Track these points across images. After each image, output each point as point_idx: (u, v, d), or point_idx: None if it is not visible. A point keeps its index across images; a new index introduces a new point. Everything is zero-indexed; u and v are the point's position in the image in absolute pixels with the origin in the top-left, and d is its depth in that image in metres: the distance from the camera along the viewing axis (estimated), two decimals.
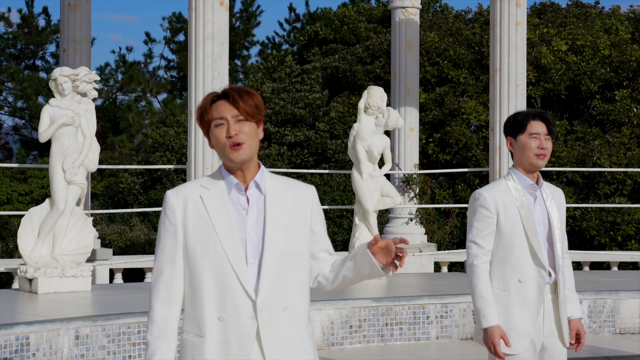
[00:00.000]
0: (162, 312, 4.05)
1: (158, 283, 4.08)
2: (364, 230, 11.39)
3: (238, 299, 3.99)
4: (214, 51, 10.66)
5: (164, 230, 4.11)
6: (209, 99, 4.11)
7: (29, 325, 7.83)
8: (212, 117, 4.07)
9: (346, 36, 26.76)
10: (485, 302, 5.42)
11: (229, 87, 4.12)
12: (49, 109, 9.82)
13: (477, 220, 5.50)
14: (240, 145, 4.00)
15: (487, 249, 5.48)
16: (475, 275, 5.47)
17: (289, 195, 4.15)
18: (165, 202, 4.11)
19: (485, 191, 5.53)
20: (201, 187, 4.11)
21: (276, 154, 22.85)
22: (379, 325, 9.68)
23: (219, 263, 4.01)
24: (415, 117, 14.67)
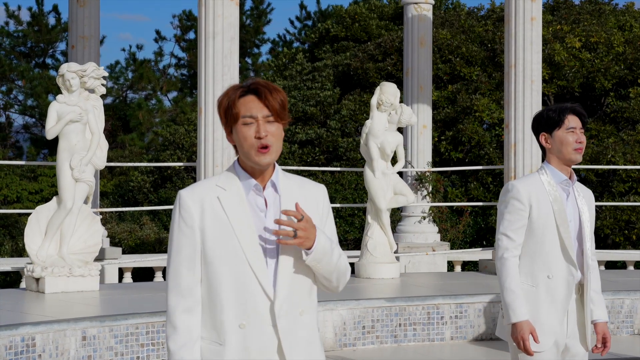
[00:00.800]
0: (185, 320, 3.89)
1: (178, 289, 3.90)
2: (376, 229, 11.20)
3: (259, 305, 3.85)
4: (224, 47, 10.48)
5: (179, 233, 3.92)
6: (238, 92, 3.91)
7: (35, 325, 7.66)
8: (240, 114, 3.88)
9: (357, 33, 26.59)
10: (515, 296, 5.30)
11: (257, 82, 3.92)
12: (56, 106, 9.65)
13: (509, 213, 5.39)
14: (268, 148, 3.84)
15: (517, 242, 5.37)
16: (505, 269, 5.35)
17: (302, 195, 3.99)
18: (180, 203, 3.92)
19: (519, 183, 5.42)
20: (217, 187, 3.93)
21: (287, 152, 22.70)
22: (392, 326, 9.49)
23: (240, 268, 3.84)
24: (428, 114, 14.47)
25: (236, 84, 3.98)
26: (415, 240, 14.24)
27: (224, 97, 3.94)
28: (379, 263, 11.13)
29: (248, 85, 3.92)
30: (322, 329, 9.16)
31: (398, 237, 14.27)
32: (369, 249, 11.15)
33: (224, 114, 3.91)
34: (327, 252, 3.89)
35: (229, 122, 3.91)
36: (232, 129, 3.91)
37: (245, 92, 3.90)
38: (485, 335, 9.82)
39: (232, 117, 3.88)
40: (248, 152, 3.86)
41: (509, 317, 5.32)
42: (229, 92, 3.93)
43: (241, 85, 3.93)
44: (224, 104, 3.92)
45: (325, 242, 3.89)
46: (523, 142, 11.70)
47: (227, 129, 3.96)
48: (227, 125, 3.93)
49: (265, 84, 3.91)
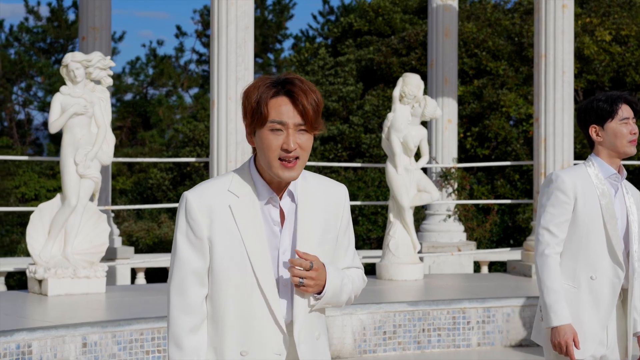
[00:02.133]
0: (193, 340, 3.40)
1: (184, 305, 3.41)
2: (399, 227, 10.65)
3: (266, 331, 3.39)
4: (237, 36, 9.93)
5: (186, 243, 3.41)
6: (270, 91, 3.35)
7: (32, 331, 7.15)
8: (270, 117, 3.33)
9: (381, 27, 26.03)
10: (557, 296, 4.84)
11: (292, 81, 3.36)
12: (59, 98, 9.14)
13: (552, 205, 4.92)
14: (295, 163, 3.32)
15: (560, 237, 4.91)
16: (547, 266, 4.88)
17: (322, 200, 3.50)
18: (187, 210, 3.40)
19: (564, 174, 4.94)
20: (229, 193, 3.41)
21: None
22: (416, 331, 8.91)
23: (248, 290, 3.38)
24: (454, 109, 13.89)
25: (268, 77, 3.41)
26: (440, 239, 13.66)
27: (254, 91, 3.38)
28: (402, 264, 10.57)
29: (282, 82, 3.36)
30: (341, 334, 8.61)
31: (422, 236, 13.71)
32: (391, 249, 10.60)
33: (251, 113, 3.37)
34: (336, 293, 3.47)
35: (253, 123, 3.37)
36: (255, 130, 3.38)
37: (277, 93, 3.35)
38: (514, 341, 9.25)
39: (259, 118, 3.35)
40: (270, 163, 3.34)
41: (549, 320, 4.85)
42: (260, 87, 3.37)
43: (274, 80, 3.38)
44: (253, 100, 3.36)
45: (335, 284, 3.46)
46: (554, 136, 11.12)
47: (250, 130, 3.41)
48: (251, 125, 3.39)
49: (301, 83, 3.36)
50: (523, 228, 18.64)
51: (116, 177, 27.75)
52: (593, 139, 5.00)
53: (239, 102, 9.64)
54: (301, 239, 3.43)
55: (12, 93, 33.61)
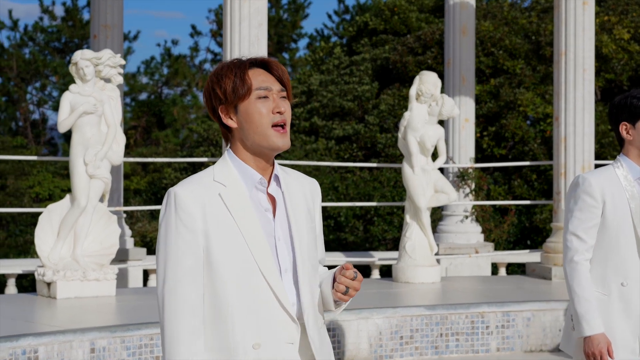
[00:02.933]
0: (192, 345, 3.19)
1: (180, 308, 3.19)
2: (415, 229, 10.42)
3: (276, 320, 3.22)
4: (250, 33, 9.72)
5: (177, 239, 3.21)
6: (244, 65, 3.26)
7: (38, 336, 6.94)
8: (254, 85, 3.23)
9: (397, 26, 25.80)
10: (589, 305, 4.63)
11: (258, 57, 3.31)
12: (69, 96, 8.94)
13: (579, 210, 4.70)
14: (285, 129, 3.23)
15: (589, 243, 4.70)
16: (577, 274, 4.67)
17: (301, 191, 3.41)
18: (177, 203, 3.21)
19: (591, 176, 4.72)
20: (216, 182, 3.25)
21: (324, 149, 21.98)
22: (433, 336, 8.68)
23: (250, 277, 3.21)
24: (471, 108, 13.64)
25: (231, 59, 3.31)
26: (457, 240, 13.41)
27: (224, 71, 3.25)
28: (419, 266, 10.34)
29: (248, 59, 3.29)
30: (356, 339, 8.39)
31: (439, 237, 13.47)
32: (408, 250, 10.37)
33: (231, 89, 3.23)
34: None
35: (235, 99, 3.23)
36: (237, 107, 3.24)
37: (251, 65, 3.27)
38: (534, 346, 9.01)
39: (242, 90, 3.22)
40: (264, 132, 3.23)
41: (581, 330, 4.63)
42: (229, 66, 3.26)
43: (239, 59, 3.29)
44: (229, 76, 3.24)
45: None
46: (574, 135, 10.88)
47: (229, 109, 3.27)
48: (231, 103, 3.24)
49: (270, 58, 3.31)
50: (540, 229, 18.40)
51: (130, 177, 27.62)
52: (623, 136, 4.79)
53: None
54: (294, 225, 3.34)
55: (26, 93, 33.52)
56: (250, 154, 3.28)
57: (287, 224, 3.33)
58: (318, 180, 20.09)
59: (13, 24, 33.61)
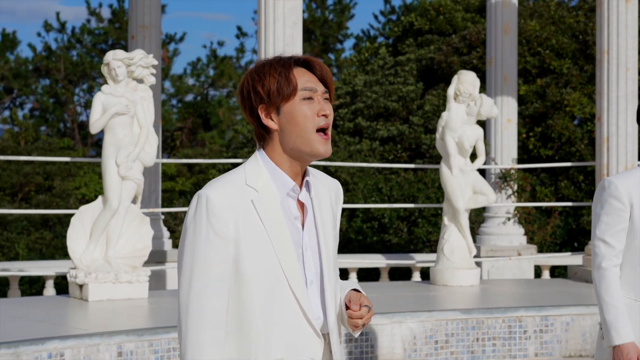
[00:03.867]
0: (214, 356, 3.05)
1: (205, 318, 3.03)
2: (454, 231, 10.24)
3: (300, 335, 3.08)
4: (285, 33, 9.59)
5: (207, 246, 3.04)
6: (287, 64, 3.07)
7: (64, 340, 6.86)
8: (299, 85, 3.05)
9: (442, 26, 25.59)
10: (618, 313, 4.44)
11: (300, 56, 3.11)
12: (101, 97, 8.87)
13: (606, 214, 4.51)
14: (328, 134, 3.05)
15: (618, 248, 4.50)
16: (605, 281, 4.49)
17: (327, 196, 3.23)
18: (209, 208, 3.04)
19: (617, 179, 4.53)
20: (248, 187, 3.07)
21: (368, 150, 21.81)
22: (469, 341, 8.49)
23: (279, 290, 3.06)
24: (514, 108, 13.41)
25: (267, 58, 3.12)
26: (500, 243, 13.19)
27: (266, 69, 3.07)
28: (457, 269, 10.16)
29: (290, 57, 3.10)
30: (390, 343, 8.22)
31: (481, 239, 13.26)
32: (446, 253, 10.19)
33: (275, 88, 3.04)
34: None
35: (278, 99, 3.05)
36: (278, 108, 3.06)
37: (296, 64, 3.09)
38: (574, 351, 8.79)
39: (287, 90, 3.04)
40: (308, 137, 3.04)
41: (610, 339, 4.44)
42: (271, 64, 3.08)
43: (280, 57, 3.10)
44: (272, 75, 3.05)
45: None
46: (617, 136, 10.64)
47: (270, 110, 3.09)
48: (272, 104, 3.06)
49: (313, 57, 3.11)
50: (587, 231, 18.10)
51: (176, 178, 27.64)
52: None
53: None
54: (322, 235, 3.19)
55: (74, 95, 33.69)
56: (287, 157, 3.11)
57: (315, 232, 3.18)
58: (361, 181, 19.97)
59: (61, 27, 33.84)
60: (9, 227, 23.93)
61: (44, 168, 26.37)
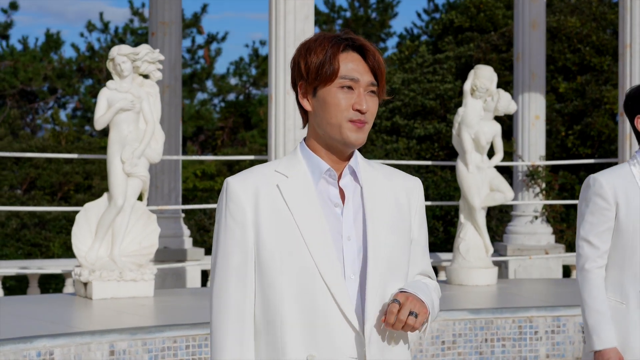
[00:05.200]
0: (238, 353, 2.86)
1: (227, 311, 2.86)
2: (470, 229, 10.01)
3: (335, 330, 2.82)
4: (296, 27, 9.42)
5: (225, 234, 2.87)
6: (340, 45, 2.85)
7: (53, 338, 6.74)
8: (341, 72, 2.83)
9: (483, 24, 25.31)
10: (600, 317, 4.23)
11: (360, 38, 2.88)
12: (106, 93, 8.76)
13: (590, 213, 4.28)
14: (364, 126, 2.82)
15: (602, 249, 4.28)
16: (588, 283, 4.27)
17: (391, 187, 2.96)
18: (228, 193, 2.87)
19: (602, 176, 4.29)
20: (276, 173, 2.88)
21: (404, 148, 21.61)
22: (477, 341, 8.26)
23: (307, 279, 2.82)
24: (542, 104, 13.13)
25: (327, 32, 2.89)
26: (527, 242, 12.92)
27: (317, 44, 2.86)
28: (473, 268, 9.93)
29: (348, 37, 2.86)
30: None
31: (508, 238, 13.01)
32: (462, 252, 9.97)
33: (315, 68, 2.83)
34: (434, 313, 2.96)
35: (317, 80, 2.84)
36: (317, 90, 2.85)
37: (347, 47, 2.85)
38: None
39: (327, 74, 2.82)
40: (339, 124, 2.83)
41: (592, 344, 4.23)
42: (324, 40, 2.85)
43: (339, 35, 2.87)
44: (318, 53, 2.84)
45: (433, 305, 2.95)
46: None
47: (308, 89, 2.88)
48: (313, 83, 2.85)
49: (369, 41, 2.88)
50: None
51: (215, 177, 27.59)
52: (639, 130, 4.37)
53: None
54: (371, 224, 2.90)
55: None
56: (322, 145, 2.90)
57: (362, 222, 2.91)
58: None
59: (104, 26, 33.95)
60: (47, 226, 24.02)
61: (84, 167, 26.44)
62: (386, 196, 2.95)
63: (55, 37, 33.64)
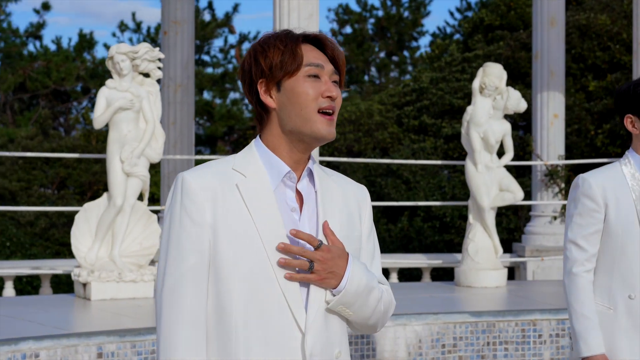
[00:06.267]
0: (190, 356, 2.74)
1: (180, 314, 2.74)
2: (479, 230, 9.83)
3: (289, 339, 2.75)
4: (300, 25, 9.27)
5: (180, 233, 2.75)
6: (297, 37, 2.78)
7: (39, 340, 6.64)
8: (305, 60, 2.75)
9: (513, 21, 25.05)
10: (588, 323, 4.09)
11: (317, 32, 2.81)
12: (105, 92, 8.67)
13: (579, 215, 4.14)
14: (333, 116, 2.74)
15: (590, 252, 4.14)
16: (575, 287, 4.13)
17: (342, 194, 2.88)
18: (184, 190, 2.75)
19: (592, 176, 4.15)
20: (234, 171, 2.77)
21: (431, 147, 21.40)
22: (479, 345, 8.08)
23: (264, 287, 2.73)
24: (560, 103, 12.90)
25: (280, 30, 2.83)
26: (546, 243, 12.70)
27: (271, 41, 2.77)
28: (481, 269, 9.75)
29: (304, 32, 2.80)
30: (393, 347, 7.87)
31: (526, 239, 12.80)
32: (470, 253, 9.79)
33: (279, 61, 2.74)
34: (361, 293, 2.78)
35: (281, 72, 2.75)
36: (279, 84, 2.76)
37: (305, 39, 2.79)
38: None
39: (290, 66, 2.74)
40: (308, 116, 2.73)
41: (579, 350, 4.10)
42: (282, 36, 2.78)
43: (293, 31, 2.81)
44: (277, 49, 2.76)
45: (360, 279, 2.77)
46: None
47: (270, 86, 2.79)
48: (273, 79, 2.76)
49: (326, 35, 2.82)
50: None
51: None
52: (629, 130, 4.20)
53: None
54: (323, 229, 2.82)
55: None
56: (286, 141, 2.80)
57: (316, 226, 2.84)
58: (424, 179, 19.60)
59: (136, 26, 34.02)
60: None
61: None
62: (338, 203, 2.87)
63: (89, 37, 33.74)
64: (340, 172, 21.17)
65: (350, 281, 2.76)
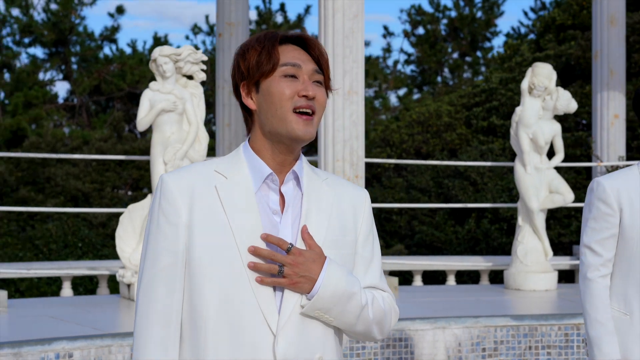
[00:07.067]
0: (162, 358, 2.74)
1: (152, 313, 2.74)
2: (528, 232, 9.69)
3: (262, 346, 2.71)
4: (345, 25, 9.22)
5: (157, 233, 2.76)
6: (277, 38, 2.76)
7: (72, 340, 6.69)
8: (281, 60, 2.73)
9: (585, 21, 24.69)
10: (603, 329, 3.98)
11: (300, 32, 2.81)
12: (148, 94, 8.71)
13: (593, 219, 4.04)
14: (312, 117, 2.71)
15: (606, 257, 4.03)
16: (589, 293, 4.02)
17: (333, 197, 2.83)
18: (162, 191, 2.76)
19: (606, 180, 4.04)
20: (216, 173, 2.76)
21: (499, 149, 21.17)
22: (521, 349, 7.96)
23: (236, 288, 2.70)
24: (621, 103, 12.66)
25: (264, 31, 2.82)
26: None
27: (253, 43, 2.77)
28: (530, 272, 9.60)
29: (286, 33, 2.79)
30: (432, 350, 7.78)
31: None
32: (519, 255, 9.66)
33: (255, 62, 2.74)
34: (339, 299, 2.72)
35: (258, 73, 2.74)
36: (259, 84, 2.75)
37: (286, 40, 2.78)
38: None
39: (265, 66, 2.73)
40: (284, 116, 2.71)
41: (593, 356, 4.01)
42: (261, 38, 2.77)
43: (275, 32, 2.79)
44: (254, 50, 2.75)
45: (337, 285, 2.71)
46: None
47: (249, 87, 2.78)
48: (252, 78, 2.75)
49: (310, 35, 2.79)
50: None
51: None
52: None
53: (346, 97, 8.97)
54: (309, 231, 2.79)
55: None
56: (268, 143, 2.78)
57: (297, 230, 2.80)
58: (491, 181, 19.41)
59: (210, 29, 34.23)
60: None
61: None
62: (326, 206, 2.82)
63: (163, 40, 34.04)
64: (408, 173, 21.08)
65: (325, 286, 2.71)
